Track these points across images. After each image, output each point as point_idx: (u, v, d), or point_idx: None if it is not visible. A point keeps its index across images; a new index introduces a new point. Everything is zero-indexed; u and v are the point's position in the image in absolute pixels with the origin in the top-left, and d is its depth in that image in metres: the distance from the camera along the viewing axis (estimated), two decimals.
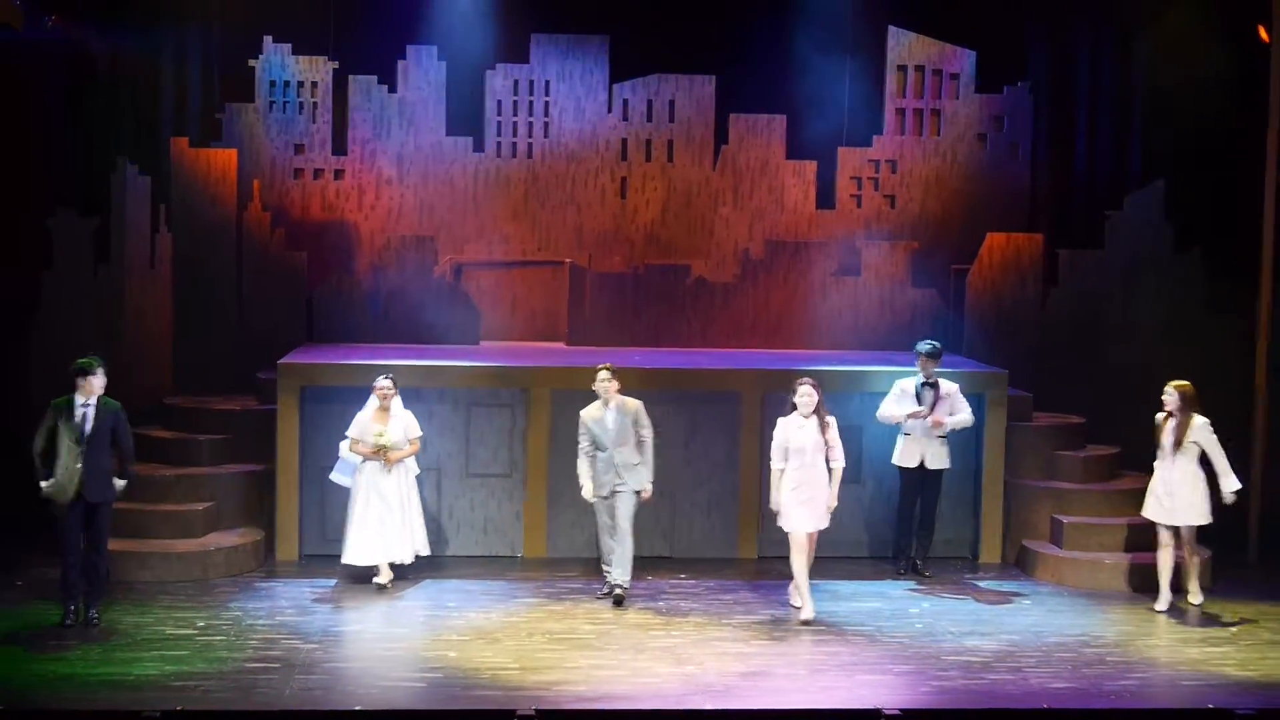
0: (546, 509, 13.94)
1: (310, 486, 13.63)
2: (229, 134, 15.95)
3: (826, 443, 11.88)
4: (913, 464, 13.34)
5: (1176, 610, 12.41)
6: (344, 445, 12.67)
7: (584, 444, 12.41)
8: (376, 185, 16.21)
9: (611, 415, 12.28)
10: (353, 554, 12.45)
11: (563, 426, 13.61)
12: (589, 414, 12.39)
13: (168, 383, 15.33)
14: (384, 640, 11.39)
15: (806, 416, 11.83)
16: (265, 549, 13.56)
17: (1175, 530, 12.49)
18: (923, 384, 13.33)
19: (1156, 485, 12.48)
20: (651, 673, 10.77)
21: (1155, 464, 12.53)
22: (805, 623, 11.80)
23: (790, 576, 12.18)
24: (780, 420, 11.95)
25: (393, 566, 12.60)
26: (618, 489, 12.30)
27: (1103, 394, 15.44)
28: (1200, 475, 12.39)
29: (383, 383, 12.59)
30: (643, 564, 13.63)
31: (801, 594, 12.00)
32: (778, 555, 13.31)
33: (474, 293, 16.10)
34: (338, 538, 13.04)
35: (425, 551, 12.74)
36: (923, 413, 13.21)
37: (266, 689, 10.28)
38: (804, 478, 11.84)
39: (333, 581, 12.79)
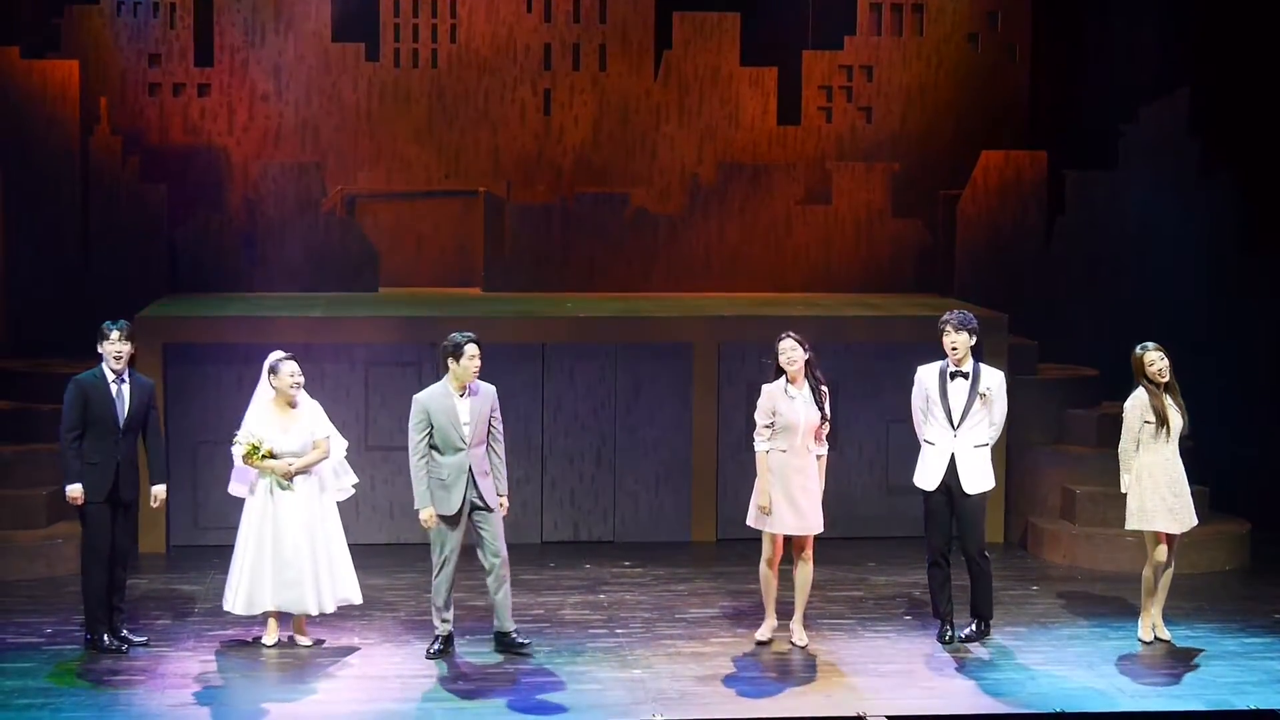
0: None
1: (178, 464, 13.61)
2: (69, 42, 15.89)
3: (823, 419, 11.23)
4: (933, 484, 11.40)
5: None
6: (235, 449, 11.42)
7: (420, 442, 11.02)
8: (249, 102, 16.23)
9: (468, 404, 11.02)
10: (236, 600, 11.33)
11: None
12: (434, 401, 11.04)
13: (0, 342, 15.33)
14: (269, 651, 11.43)
15: (797, 384, 11.19)
16: None
17: (1172, 540, 11.54)
18: (952, 373, 11.34)
19: (1160, 483, 11.40)
20: (591, 678, 10.85)
21: (1142, 454, 11.42)
22: (760, 644, 11.47)
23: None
24: (765, 388, 11.25)
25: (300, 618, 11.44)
26: (477, 506, 11.06)
27: (1120, 341, 14.37)
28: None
29: (287, 366, 11.22)
30: (581, 550, 14.01)
31: (767, 607, 11.54)
32: (740, 538, 13.34)
33: (370, 230, 16.20)
34: (213, 525, 13.06)
35: (354, 598, 11.45)
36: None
37: (130, 706, 10.24)
38: (794, 464, 11.19)
39: (207, 576, 12.87)
